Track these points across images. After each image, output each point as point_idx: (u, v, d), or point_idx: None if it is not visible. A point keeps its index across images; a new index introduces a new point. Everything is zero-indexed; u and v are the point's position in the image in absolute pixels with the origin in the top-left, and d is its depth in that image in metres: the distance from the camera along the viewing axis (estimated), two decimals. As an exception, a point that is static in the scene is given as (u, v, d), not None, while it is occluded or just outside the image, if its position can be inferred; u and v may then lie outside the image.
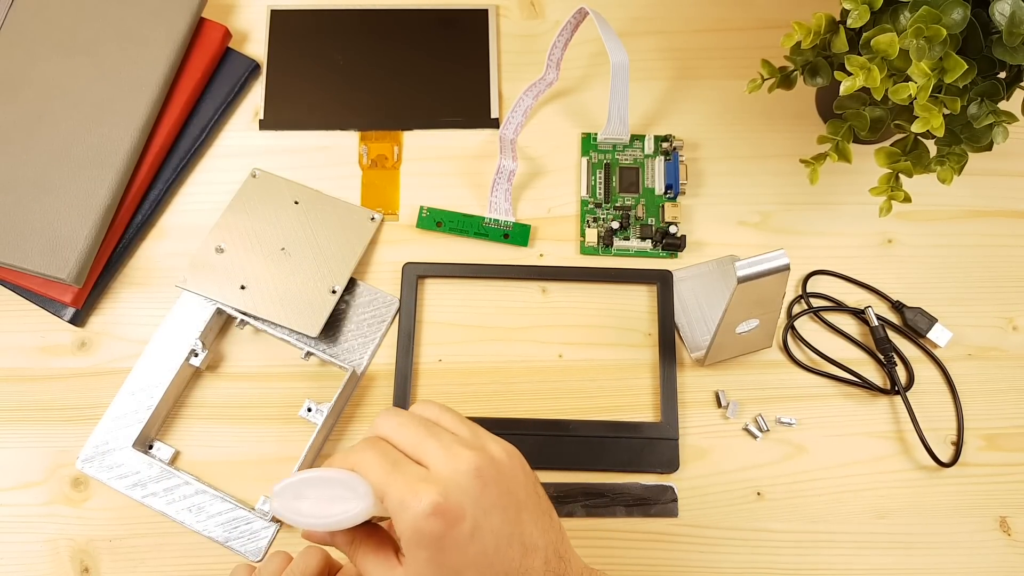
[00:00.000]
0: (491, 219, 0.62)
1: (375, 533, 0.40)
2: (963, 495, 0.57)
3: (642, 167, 0.63)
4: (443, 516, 0.35)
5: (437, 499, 0.35)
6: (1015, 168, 0.64)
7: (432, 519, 0.35)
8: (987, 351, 0.60)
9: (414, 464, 0.37)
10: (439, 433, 0.39)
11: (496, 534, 0.37)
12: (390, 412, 0.40)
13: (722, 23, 0.68)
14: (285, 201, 0.61)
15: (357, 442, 0.40)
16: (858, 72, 0.47)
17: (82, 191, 0.57)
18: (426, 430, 0.39)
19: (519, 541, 0.37)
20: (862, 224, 0.62)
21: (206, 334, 0.57)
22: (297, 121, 0.65)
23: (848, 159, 0.52)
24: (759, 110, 0.65)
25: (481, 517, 0.36)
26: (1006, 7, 0.44)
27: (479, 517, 0.36)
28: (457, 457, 0.37)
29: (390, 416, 0.40)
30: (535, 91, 0.63)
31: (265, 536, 0.55)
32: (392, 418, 0.39)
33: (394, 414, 0.40)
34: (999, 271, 0.62)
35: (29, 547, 0.55)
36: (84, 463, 0.56)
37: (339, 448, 0.57)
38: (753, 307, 0.53)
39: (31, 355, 0.59)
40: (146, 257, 0.61)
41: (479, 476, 0.37)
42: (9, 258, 0.56)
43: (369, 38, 0.67)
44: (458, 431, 0.39)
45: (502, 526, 0.37)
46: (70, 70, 0.60)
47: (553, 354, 0.59)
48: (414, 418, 0.39)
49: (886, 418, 0.58)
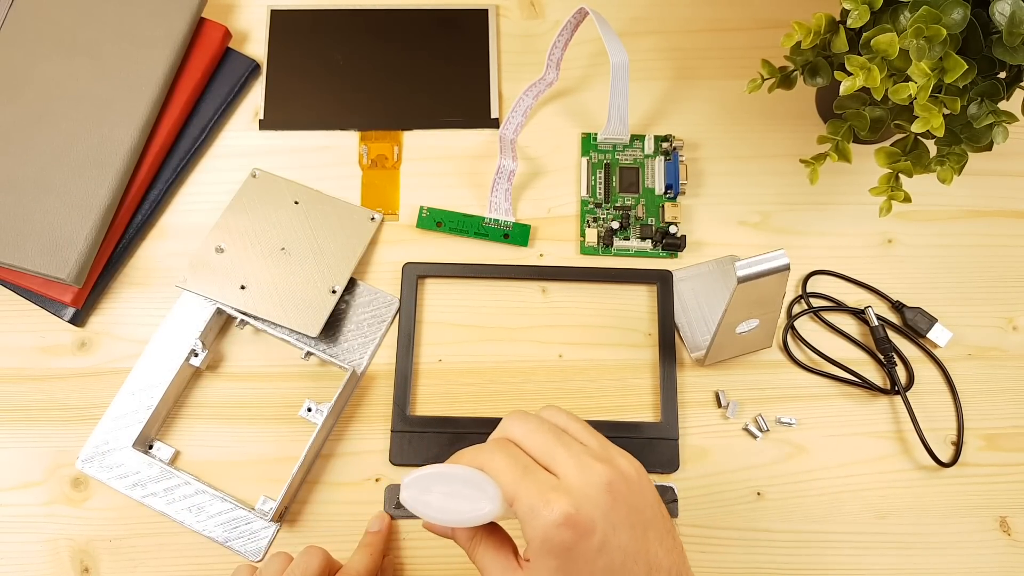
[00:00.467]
0: (491, 219, 0.62)
1: (495, 532, 0.40)
2: (963, 495, 0.57)
3: (642, 167, 0.63)
4: (574, 527, 0.36)
5: (569, 510, 0.35)
6: (1015, 168, 0.64)
7: (563, 529, 0.35)
8: (987, 351, 0.60)
9: (545, 472, 0.37)
10: (569, 442, 0.38)
11: (624, 551, 0.37)
12: (520, 416, 0.40)
13: (722, 23, 0.68)
14: (285, 201, 0.61)
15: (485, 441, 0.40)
16: (858, 72, 0.47)
17: (82, 191, 0.57)
18: (556, 438, 0.38)
19: (645, 560, 0.37)
20: (862, 224, 0.62)
21: (206, 334, 0.57)
22: (297, 121, 0.65)
23: (848, 159, 0.52)
24: (759, 110, 0.65)
25: (610, 532, 0.36)
26: (1006, 7, 0.44)
27: (608, 532, 0.36)
28: (589, 469, 0.37)
29: (520, 420, 0.40)
30: (535, 91, 0.63)
31: (265, 536, 0.55)
32: (523, 422, 0.39)
33: (524, 419, 0.40)
34: (999, 271, 0.62)
35: (29, 547, 0.55)
36: (84, 463, 0.56)
37: (338, 449, 0.57)
38: (753, 307, 0.53)
39: (31, 355, 0.59)
40: (146, 257, 0.61)
41: (610, 491, 0.37)
42: (9, 258, 0.56)
43: (369, 38, 0.67)
44: (587, 441, 0.39)
45: (629, 543, 0.37)
46: (70, 70, 0.60)
47: (553, 354, 0.59)
48: (544, 424, 0.39)
49: (886, 418, 0.58)
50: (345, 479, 0.56)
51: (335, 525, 0.55)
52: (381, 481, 0.56)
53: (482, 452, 0.38)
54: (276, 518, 0.54)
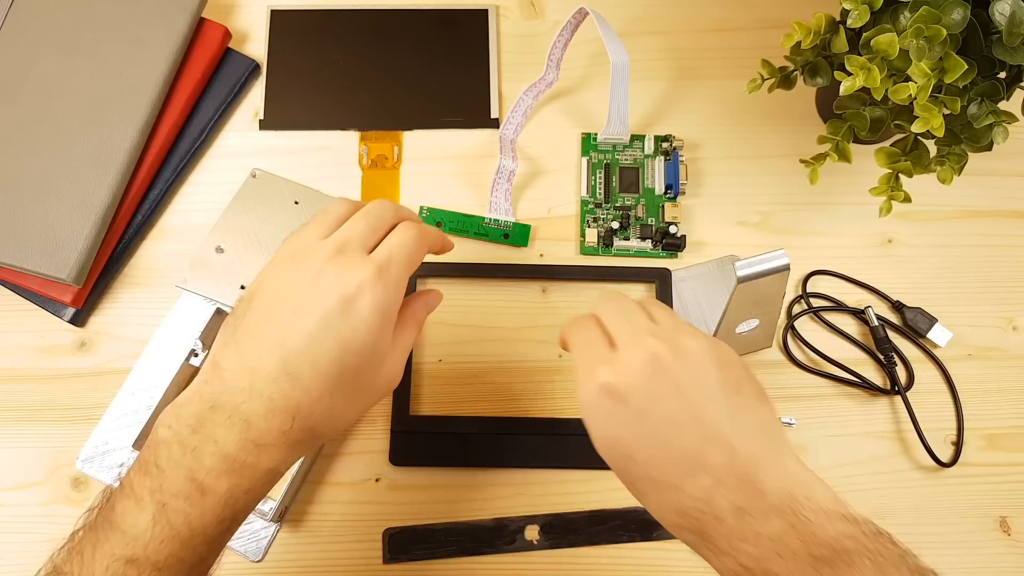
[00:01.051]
0: (491, 219, 0.62)
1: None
2: (963, 495, 0.57)
3: (642, 167, 0.63)
4: (610, 395, 0.39)
5: (609, 379, 0.39)
6: (1015, 168, 0.64)
7: (600, 396, 0.39)
8: (987, 351, 0.60)
9: (604, 346, 0.40)
10: (638, 320, 0.41)
11: (668, 420, 0.38)
12: (608, 295, 0.44)
13: (722, 23, 0.68)
14: (285, 201, 0.61)
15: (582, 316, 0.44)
16: (858, 72, 0.47)
17: (82, 191, 0.57)
18: (625, 316, 0.42)
19: (698, 432, 0.38)
20: (862, 224, 0.62)
21: (206, 334, 0.57)
22: (297, 121, 0.65)
23: (848, 159, 0.52)
24: (759, 110, 0.65)
25: (649, 402, 0.38)
26: (1006, 7, 0.44)
27: (647, 402, 0.38)
28: (640, 344, 0.39)
29: (606, 299, 0.43)
30: (535, 91, 0.63)
31: (265, 536, 0.55)
32: (607, 301, 0.43)
33: (609, 297, 0.43)
34: (999, 271, 0.62)
35: (29, 547, 0.55)
36: (84, 463, 0.56)
37: (338, 449, 0.57)
38: (753, 307, 0.53)
39: (31, 355, 0.59)
40: (146, 257, 0.61)
41: (655, 363, 0.39)
42: (9, 258, 0.56)
43: (369, 38, 0.67)
44: (660, 320, 0.42)
45: (676, 413, 0.38)
46: (70, 70, 0.60)
47: (553, 354, 0.59)
48: (625, 304, 0.43)
49: (886, 418, 0.58)
50: (345, 479, 0.56)
51: (335, 525, 0.55)
52: (381, 481, 0.56)
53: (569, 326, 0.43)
54: (276, 518, 0.54)
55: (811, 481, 0.38)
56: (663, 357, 0.39)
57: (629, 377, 0.39)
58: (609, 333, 0.41)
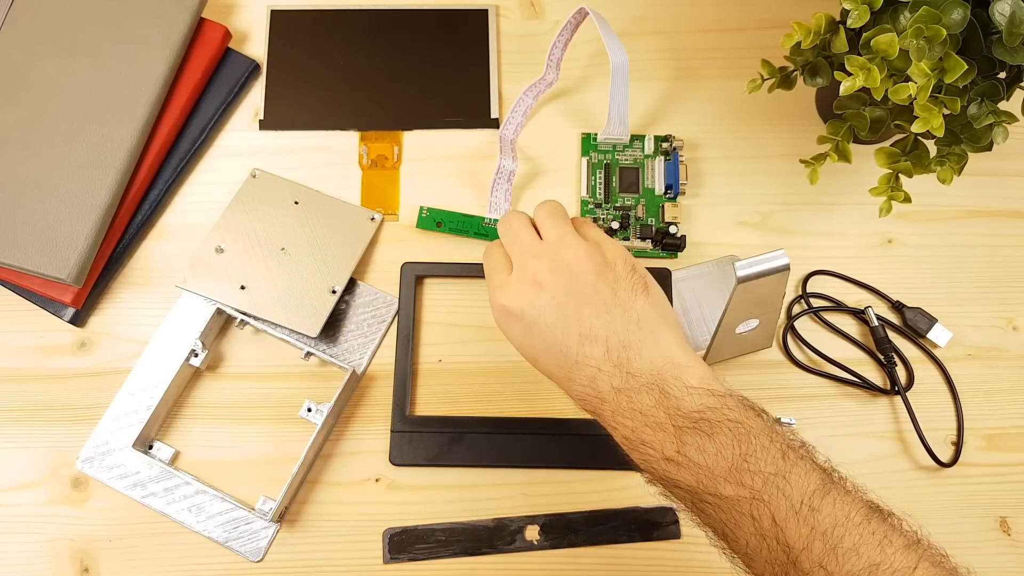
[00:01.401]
0: (491, 219, 0.62)
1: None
2: (963, 495, 0.57)
3: (642, 167, 0.63)
4: (507, 314, 0.47)
5: (503, 302, 0.47)
6: (1015, 168, 0.64)
7: (501, 315, 0.47)
8: (987, 351, 0.60)
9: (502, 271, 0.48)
10: (524, 241, 0.48)
11: (552, 327, 0.45)
12: (507, 217, 0.50)
13: (722, 23, 0.68)
14: (285, 201, 0.61)
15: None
16: (858, 72, 0.47)
17: (82, 191, 0.57)
18: (512, 240, 0.49)
19: (576, 332, 0.45)
20: (862, 224, 0.62)
21: (206, 334, 0.57)
22: (297, 121, 0.65)
23: (848, 159, 0.52)
24: (759, 110, 0.65)
25: (535, 315, 0.46)
26: (1006, 7, 0.44)
27: (534, 316, 0.46)
28: (524, 267, 0.47)
29: (501, 223, 0.50)
30: (535, 91, 0.63)
31: (265, 536, 0.55)
32: (501, 225, 0.50)
33: (503, 221, 0.50)
34: (999, 271, 0.62)
35: (29, 547, 0.55)
36: (84, 463, 0.56)
37: (338, 449, 0.57)
38: (753, 307, 0.53)
39: (31, 355, 0.59)
40: (146, 257, 0.61)
41: (535, 282, 0.46)
42: (9, 258, 0.56)
43: (369, 38, 0.67)
44: (546, 235, 0.48)
45: (557, 320, 0.45)
46: (70, 70, 0.60)
47: (553, 354, 0.59)
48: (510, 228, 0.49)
49: (886, 418, 0.58)
50: (345, 479, 0.56)
51: (335, 525, 0.55)
52: (381, 481, 0.56)
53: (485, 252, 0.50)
54: (276, 518, 0.54)
55: (685, 363, 0.44)
56: (541, 275, 0.46)
57: (516, 298, 0.46)
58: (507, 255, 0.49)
